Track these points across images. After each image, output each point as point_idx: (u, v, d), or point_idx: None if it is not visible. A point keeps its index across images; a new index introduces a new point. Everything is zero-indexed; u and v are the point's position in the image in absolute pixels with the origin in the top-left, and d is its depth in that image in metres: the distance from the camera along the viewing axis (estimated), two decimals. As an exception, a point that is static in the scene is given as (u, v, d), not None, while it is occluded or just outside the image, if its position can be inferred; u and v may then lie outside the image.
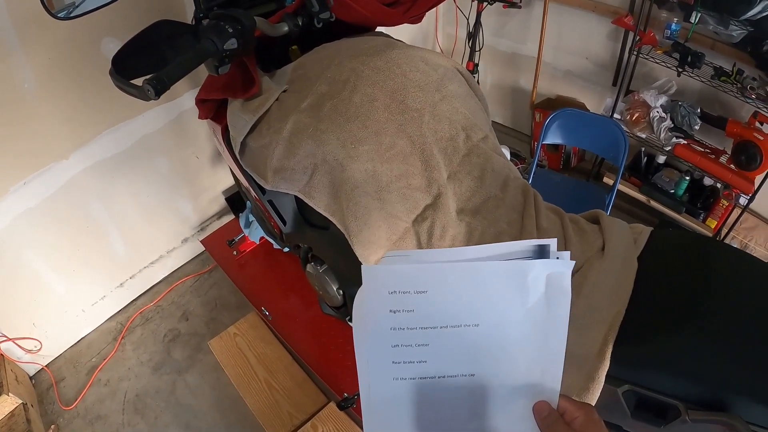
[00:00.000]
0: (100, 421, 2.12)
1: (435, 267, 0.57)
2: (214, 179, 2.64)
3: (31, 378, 2.31)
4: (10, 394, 2.00)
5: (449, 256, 0.58)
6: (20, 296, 2.15)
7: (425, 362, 0.58)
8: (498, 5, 2.64)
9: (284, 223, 1.39)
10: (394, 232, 1.08)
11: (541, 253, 0.56)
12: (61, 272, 2.25)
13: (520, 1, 2.62)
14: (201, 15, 1.22)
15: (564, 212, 1.21)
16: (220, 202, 2.73)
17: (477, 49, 2.75)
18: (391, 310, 0.56)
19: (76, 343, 2.45)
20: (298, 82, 1.21)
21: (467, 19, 2.79)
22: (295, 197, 1.33)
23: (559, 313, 0.57)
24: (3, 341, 2.15)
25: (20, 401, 2.04)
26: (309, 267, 1.50)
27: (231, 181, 2.65)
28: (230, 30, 1.06)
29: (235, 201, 2.58)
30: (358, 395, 1.61)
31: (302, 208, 1.37)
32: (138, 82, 1.05)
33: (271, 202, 1.36)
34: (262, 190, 1.33)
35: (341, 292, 1.45)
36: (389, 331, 0.57)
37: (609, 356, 0.92)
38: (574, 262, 0.55)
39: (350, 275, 1.36)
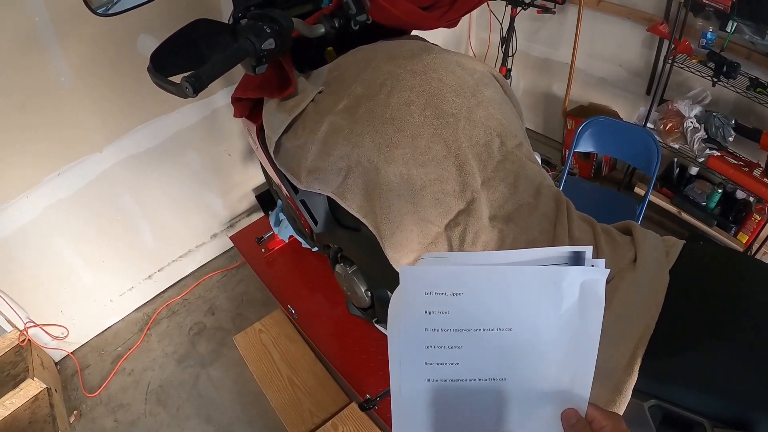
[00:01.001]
0: (122, 409, 2.16)
1: (471, 269, 0.57)
2: (244, 176, 2.67)
3: (56, 364, 2.37)
4: (35, 378, 2.05)
5: (486, 260, 0.59)
6: (49, 284, 2.21)
7: (457, 364, 0.58)
8: (532, 10, 2.62)
9: (316, 223, 1.40)
10: (426, 236, 1.08)
11: (577, 260, 0.56)
12: (91, 262, 2.30)
13: (554, 7, 2.60)
14: (239, 15, 1.23)
15: (596, 222, 1.19)
16: (250, 200, 2.76)
17: (510, 54, 2.74)
18: (426, 311, 0.57)
19: (102, 332, 2.50)
20: (333, 83, 1.22)
21: (501, 24, 2.78)
22: (328, 198, 1.34)
23: (592, 320, 0.56)
24: (31, 327, 2.21)
25: (45, 386, 2.10)
26: (338, 267, 1.51)
27: (261, 179, 2.68)
28: (268, 30, 1.07)
29: (265, 199, 2.61)
30: (381, 397, 1.63)
31: (334, 209, 1.38)
32: (175, 79, 1.07)
33: (303, 202, 1.37)
34: (295, 190, 1.35)
35: (369, 293, 1.45)
36: (423, 331, 0.57)
37: (637, 370, 0.90)
38: (609, 270, 0.55)
39: (379, 277, 1.37)
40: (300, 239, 2.06)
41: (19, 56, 1.72)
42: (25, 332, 2.19)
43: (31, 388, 2.08)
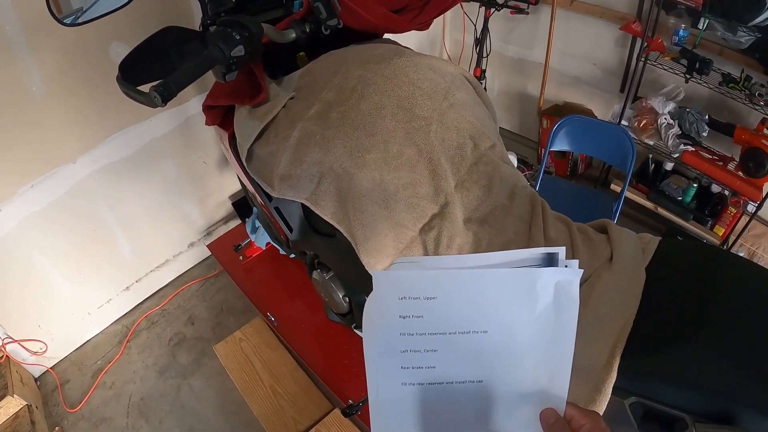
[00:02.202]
0: (104, 423, 2.12)
1: (444, 273, 0.57)
2: (221, 183, 2.65)
3: (36, 380, 2.32)
4: (15, 395, 2.00)
5: (458, 263, 0.58)
6: (26, 298, 2.16)
7: (434, 368, 0.59)
8: (505, 11, 2.63)
9: (291, 230, 1.39)
10: (400, 240, 1.08)
11: (550, 261, 0.57)
12: (68, 275, 2.26)
13: (528, 7, 2.61)
14: (208, 21, 1.22)
15: (572, 221, 1.20)
16: (227, 207, 2.74)
17: (484, 55, 2.75)
18: (400, 316, 0.57)
19: (81, 346, 2.46)
20: (305, 89, 1.21)
21: (475, 25, 2.79)
22: (302, 204, 1.33)
23: (567, 320, 0.57)
24: (8, 342, 2.16)
25: (25, 403, 2.05)
26: (315, 274, 1.49)
27: (238, 186, 2.66)
28: (237, 37, 1.06)
29: (241, 206, 2.58)
30: (363, 402, 1.62)
31: (309, 216, 1.37)
32: (145, 88, 1.06)
33: (277, 209, 1.36)
34: (269, 197, 1.33)
35: (347, 299, 1.44)
36: (398, 336, 0.57)
37: (616, 368, 0.91)
38: (582, 270, 0.55)
39: (356, 282, 1.36)
40: (277, 246, 2.05)
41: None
42: (2, 348, 2.14)
43: (11, 406, 2.02)
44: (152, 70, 1.23)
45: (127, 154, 2.21)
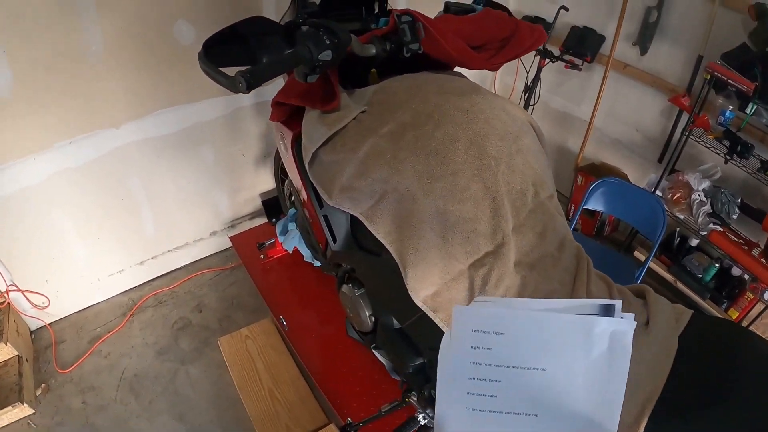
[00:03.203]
0: (92, 391, 2.11)
1: (513, 313, 0.63)
2: (255, 180, 2.66)
3: (31, 333, 2.32)
4: (8, 343, 2.01)
5: (527, 305, 0.65)
6: (40, 251, 2.17)
7: (496, 397, 0.64)
8: (560, 64, 2.67)
9: (334, 240, 1.40)
10: (448, 272, 1.08)
11: (607, 311, 0.61)
12: (86, 237, 2.27)
13: (582, 64, 2.65)
14: (300, 20, 1.24)
15: (612, 282, 1.21)
16: (255, 204, 2.75)
17: (532, 102, 2.78)
18: (472, 346, 0.63)
19: (84, 309, 2.45)
20: (378, 105, 1.22)
21: (527, 73, 2.83)
22: (351, 217, 1.34)
23: (620, 368, 0.61)
24: (12, 290, 2.16)
25: (16, 353, 2.05)
26: (345, 288, 1.49)
27: (270, 185, 2.67)
28: (327, 41, 1.08)
29: (271, 206, 2.59)
30: (364, 423, 1.60)
31: (355, 230, 1.38)
32: (229, 71, 1.07)
33: (326, 217, 1.37)
34: (320, 204, 1.34)
35: (373, 318, 1.44)
36: (469, 364, 0.64)
37: (643, 429, 0.92)
38: (636, 322, 0.59)
39: (388, 304, 1.36)
40: (304, 253, 2.05)
41: (55, 15, 1.72)
42: (5, 294, 2.14)
43: (2, 353, 2.03)
44: (233, 54, 1.25)
45: (171, 131, 2.23)
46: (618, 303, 0.61)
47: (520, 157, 1.16)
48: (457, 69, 1.52)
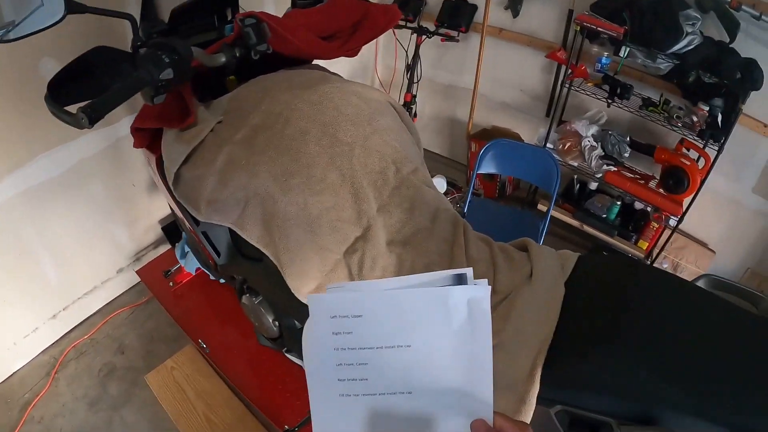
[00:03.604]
0: (35, 461, 2.00)
1: (368, 294, 0.64)
2: (150, 207, 2.58)
3: (-39, 415, 2.17)
4: (-61, 433, 1.88)
5: (382, 286, 0.65)
6: (-53, 327, 2.03)
7: (366, 380, 0.64)
8: (436, 39, 2.73)
9: (218, 254, 1.38)
10: (325, 264, 1.09)
11: (459, 280, 0.62)
12: (-9, 302, 2.13)
13: (458, 35, 2.72)
14: (139, 43, 1.21)
15: (493, 241, 1.25)
16: (157, 232, 2.67)
17: (415, 80, 2.83)
18: (333, 332, 0.63)
19: (7, 378, 2.32)
20: (232, 113, 1.21)
21: (406, 52, 2.87)
22: (230, 229, 1.33)
23: (483, 334, 0.61)
24: (-70, 375, 2.02)
25: (-51, 441, 1.92)
26: (244, 298, 1.48)
27: (168, 210, 2.59)
28: (167, 60, 1.06)
29: (171, 230, 2.51)
30: (299, 426, 1.60)
31: (236, 240, 1.36)
32: (73, 108, 1.04)
33: (205, 234, 1.35)
34: (196, 222, 1.32)
35: (277, 323, 1.44)
36: (333, 351, 0.63)
37: (538, 379, 0.95)
38: (491, 287, 0.60)
39: (285, 306, 1.36)
40: (206, 271, 2.01)
41: None
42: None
43: (-64, 445, 1.89)
44: (82, 90, 1.20)
45: (55, 174, 2.12)
46: (469, 271, 0.62)
47: (376, 137, 1.18)
48: (317, 62, 1.53)
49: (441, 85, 3.21)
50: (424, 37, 2.70)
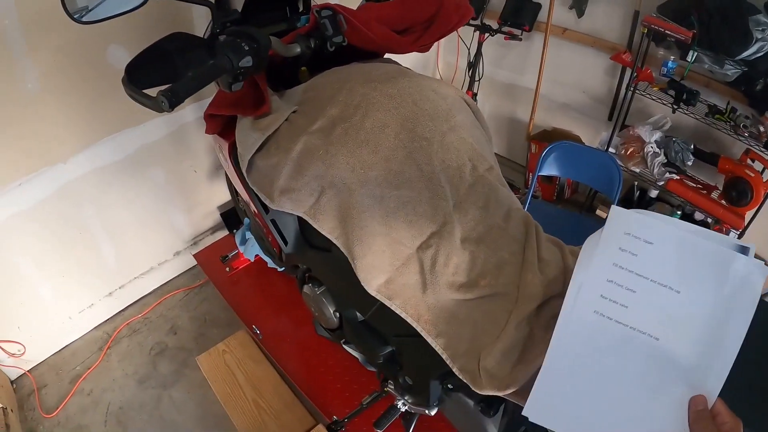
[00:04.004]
0: (81, 431, 2.08)
1: (667, 226, 0.64)
2: (209, 194, 2.63)
3: (12, 382, 2.27)
4: (-10, 397, 1.96)
5: (678, 224, 0.65)
6: (6, 298, 2.12)
7: (626, 308, 0.64)
8: (499, 37, 2.69)
9: (285, 243, 1.39)
10: (397, 257, 1.08)
11: (743, 252, 0.62)
12: (50, 278, 2.22)
13: (521, 34, 2.67)
14: (218, 30, 1.22)
15: (564, 244, 1.22)
16: (215, 218, 2.72)
17: (476, 78, 2.80)
18: (620, 248, 0.64)
19: (60, 350, 2.41)
20: (308, 103, 1.22)
21: (468, 49, 2.85)
22: (298, 218, 1.33)
23: (744, 313, 0.60)
24: (-15, 343, 2.11)
25: (0, 405, 2.00)
26: (306, 288, 1.49)
27: (227, 197, 2.65)
28: (246, 48, 1.07)
29: (230, 217, 2.57)
30: (348, 419, 1.61)
31: (304, 229, 1.37)
32: (150, 92, 1.06)
33: (273, 222, 1.36)
34: (266, 209, 1.33)
35: (338, 314, 1.44)
36: (611, 266, 0.64)
37: None
38: None
39: (349, 298, 1.36)
40: (266, 259, 2.03)
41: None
42: (-21, 348, 2.10)
43: (-15, 408, 1.98)
44: (157, 74, 1.23)
45: (119, 158, 2.19)
46: (752, 246, 0.61)
47: (453, 134, 1.16)
48: (388, 55, 1.52)
49: (502, 84, 3.16)
50: (486, 34, 2.67)
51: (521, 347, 0.93)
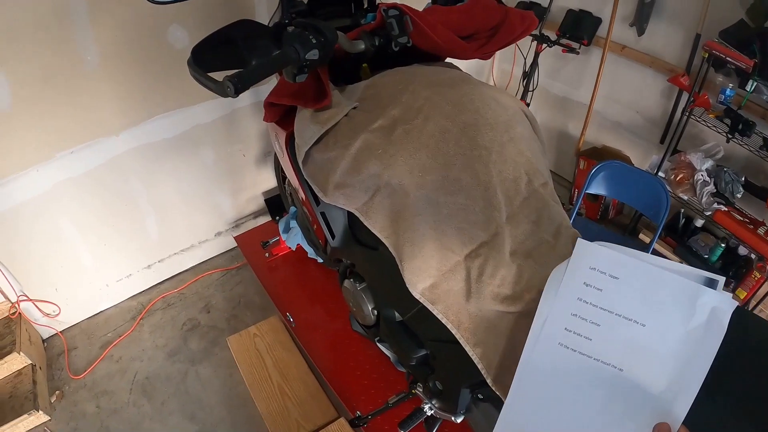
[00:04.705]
0: (106, 396, 2.14)
1: (634, 261, 0.65)
2: (256, 179, 2.67)
3: (44, 341, 2.36)
4: (21, 353, 2.04)
5: (643, 258, 0.66)
6: (48, 260, 2.20)
7: (590, 340, 0.65)
8: (556, 48, 2.66)
9: (333, 236, 1.41)
10: (444, 263, 1.09)
11: (711, 285, 0.63)
12: (92, 244, 2.29)
13: (579, 48, 2.64)
14: (286, 21, 1.24)
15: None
16: (258, 203, 2.76)
17: (531, 89, 2.77)
18: (585, 283, 0.65)
19: (94, 315, 2.49)
20: (369, 101, 1.23)
21: (525, 59, 2.83)
22: (348, 213, 1.35)
23: (710, 346, 0.61)
24: (23, 300, 2.20)
25: (30, 362, 2.08)
26: (347, 283, 1.50)
27: (272, 183, 2.68)
28: (314, 41, 1.08)
29: (274, 204, 2.60)
30: (372, 416, 1.62)
31: (353, 225, 1.38)
32: (217, 76, 1.08)
33: (323, 214, 1.38)
34: (317, 201, 1.35)
35: (376, 312, 1.45)
36: (575, 299, 0.65)
37: None
38: (737, 303, 0.59)
39: (389, 297, 1.37)
40: (308, 249, 2.06)
41: (49, 27, 1.73)
42: (17, 305, 2.18)
43: (15, 363, 2.06)
44: (222, 59, 1.26)
45: (170, 135, 2.24)
46: (721, 279, 0.62)
47: (512, 145, 1.16)
48: (448, 60, 1.52)
49: (555, 96, 3.12)
50: (544, 45, 2.64)
51: None
